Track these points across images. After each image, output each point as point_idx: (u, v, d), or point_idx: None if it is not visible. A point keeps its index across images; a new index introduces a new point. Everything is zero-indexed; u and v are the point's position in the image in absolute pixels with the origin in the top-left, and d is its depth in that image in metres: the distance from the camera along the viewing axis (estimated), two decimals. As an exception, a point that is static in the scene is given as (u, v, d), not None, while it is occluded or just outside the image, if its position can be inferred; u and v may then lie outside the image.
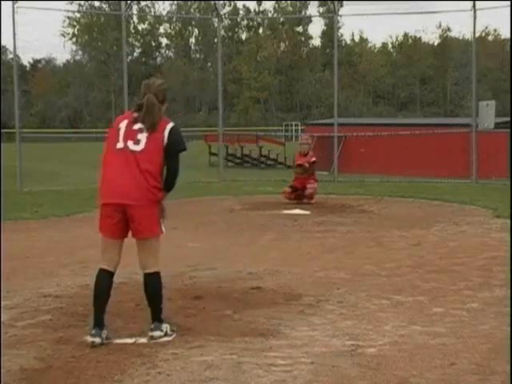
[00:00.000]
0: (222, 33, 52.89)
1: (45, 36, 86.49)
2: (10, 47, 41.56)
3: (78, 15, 71.62)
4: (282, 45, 77.12)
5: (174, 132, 4.82)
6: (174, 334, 4.84)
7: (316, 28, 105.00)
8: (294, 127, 47.12)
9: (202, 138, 28.58)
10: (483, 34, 64.29)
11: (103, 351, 4.54)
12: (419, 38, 76.76)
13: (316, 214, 11.91)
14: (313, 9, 79.14)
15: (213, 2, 22.11)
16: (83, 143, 35.55)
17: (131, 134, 4.77)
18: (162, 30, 79.32)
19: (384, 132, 20.42)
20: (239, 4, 78.23)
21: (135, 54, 75.36)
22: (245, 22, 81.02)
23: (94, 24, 71.69)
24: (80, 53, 73.80)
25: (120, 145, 4.77)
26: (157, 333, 4.78)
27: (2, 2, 16.34)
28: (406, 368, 4.18)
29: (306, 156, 13.63)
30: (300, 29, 79.45)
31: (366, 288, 6.28)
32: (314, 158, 13.63)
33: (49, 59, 70.92)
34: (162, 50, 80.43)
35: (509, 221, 10.04)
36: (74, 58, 72.99)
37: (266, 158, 27.25)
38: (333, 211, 12.24)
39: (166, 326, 4.85)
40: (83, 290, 6.25)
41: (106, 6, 68.53)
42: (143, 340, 4.75)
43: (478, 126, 17.83)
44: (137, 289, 5.51)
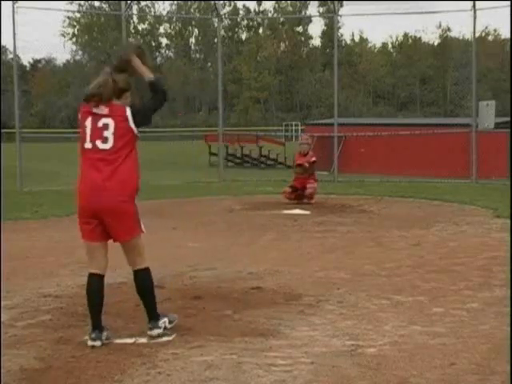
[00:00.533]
0: (222, 33, 52.85)
1: (45, 36, 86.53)
2: (10, 47, 41.53)
3: (78, 15, 71.76)
4: (282, 45, 77.16)
5: (134, 109, 4.73)
6: (174, 334, 4.84)
7: (316, 28, 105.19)
8: (293, 127, 47.13)
9: (202, 138, 28.61)
10: (483, 34, 64.34)
11: (103, 351, 4.54)
12: (419, 38, 76.83)
13: (316, 213, 11.91)
14: (313, 9, 79.31)
15: (213, 2, 22.11)
16: (83, 143, 35.50)
17: (98, 133, 4.67)
18: (162, 29, 79.44)
19: (384, 132, 20.42)
20: (239, 4, 78.37)
21: (135, 54, 75.27)
22: (245, 22, 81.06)
23: (94, 24, 71.75)
24: (80, 53, 73.91)
25: (88, 145, 4.71)
26: (155, 331, 4.77)
27: (2, 2, 16.36)
28: (406, 368, 4.18)
29: (305, 156, 13.63)
30: (300, 29, 79.50)
31: (366, 288, 6.28)
32: (313, 158, 13.63)
33: (49, 59, 70.99)
34: (162, 50, 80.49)
35: (509, 221, 10.03)
36: (73, 58, 73.10)
37: (266, 158, 27.26)
38: (333, 211, 12.24)
39: (163, 321, 4.84)
40: (83, 290, 6.17)
41: (106, 6, 68.55)
42: (143, 340, 4.75)
43: (478, 126, 17.83)
44: (137, 289, 5.51)
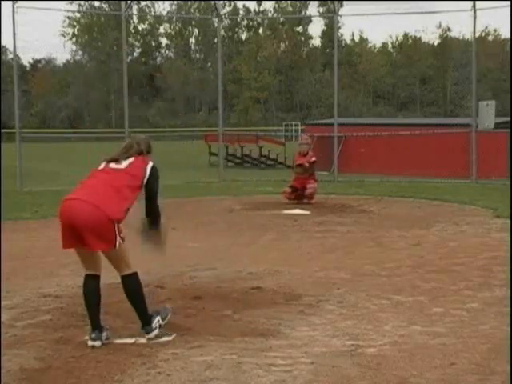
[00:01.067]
0: (222, 33, 52.90)
1: (45, 36, 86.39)
2: (10, 47, 41.58)
3: (78, 15, 71.61)
4: (282, 45, 77.08)
5: (154, 171, 4.94)
6: (174, 334, 4.84)
7: (316, 28, 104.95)
8: (293, 127, 47.08)
9: (202, 138, 28.59)
10: (483, 34, 64.26)
11: (103, 351, 4.54)
12: (419, 38, 76.71)
13: (316, 213, 11.91)
14: (313, 9, 79.15)
15: (213, 2, 22.11)
16: (83, 143, 35.53)
17: (112, 165, 4.92)
18: (162, 29, 79.33)
19: (384, 132, 20.41)
20: (239, 4, 78.20)
21: (135, 54, 75.35)
22: (245, 22, 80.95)
23: (94, 24, 71.65)
24: (80, 53, 73.80)
25: (101, 167, 4.94)
26: (152, 334, 4.78)
27: (2, 2, 16.36)
28: (406, 368, 4.18)
29: (305, 156, 13.63)
30: (300, 29, 79.40)
31: (366, 288, 6.28)
32: (313, 158, 13.63)
33: (49, 59, 70.94)
34: (162, 50, 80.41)
35: (509, 221, 10.04)
36: (73, 58, 73.02)
37: (266, 158, 27.24)
38: (333, 211, 12.24)
39: (156, 321, 4.84)
40: (83, 289, 6.26)
41: (106, 6, 68.48)
42: (143, 340, 4.75)
43: (478, 126, 17.82)
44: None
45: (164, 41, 79.96)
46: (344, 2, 40.59)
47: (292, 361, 4.31)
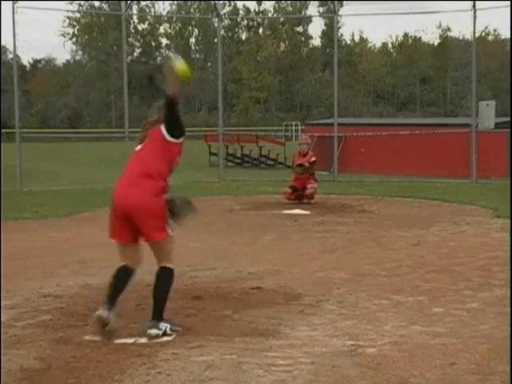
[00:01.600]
0: (222, 33, 52.85)
1: (45, 36, 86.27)
2: (10, 47, 41.51)
3: (78, 15, 71.61)
4: (282, 45, 77.11)
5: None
6: (174, 334, 4.84)
7: (316, 28, 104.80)
8: (294, 127, 47.05)
9: (202, 138, 28.58)
10: (483, 34, 64.37)
11: (103, 351, 4.54)
12: (419, 38, 76.78)
13: (316, 213, 11.91)
14: (313, 9, 79.19)
15: (213, 2, 22.13)
16: (83, 143, 35.56)
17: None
18: (161, 30, 79.33)
19: (384, 132, 20.41)
20: (239, 4, 78.16)
21: (135, 53, 75.35)
22: (245, 22, 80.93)
23: (94, 24, 71.67)
24: (80, 53, 73.88)
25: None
26: (153, 331, 4.76)
27: (2, 2, 16.37)
28: (406, 368, 4.18)
29: (305, 156, 13.63)
30: (300, 29, 79.41)
31: (366, 288, 6.28)
32: (313, 158, 13.63)
33: (49, 59, 70.97)
34: (162, 50, 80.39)
35: (509, 221, 10.04)
36: (74, 58, 73.08)
37: (266, 158, 27.25)
38: (333, 211, 12.24)
39: (165, 325, 4.83)
40: (83, 289, 6.27)
41: (106, 6, 68.39)
42: (143, 340, 4.75)
43: (478, 126, 17.82)
44: (138, 288, 5.51)
45: (164, 41, 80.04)
46: (344, 2, 40.69)
47: (292, 361, 4.31)
